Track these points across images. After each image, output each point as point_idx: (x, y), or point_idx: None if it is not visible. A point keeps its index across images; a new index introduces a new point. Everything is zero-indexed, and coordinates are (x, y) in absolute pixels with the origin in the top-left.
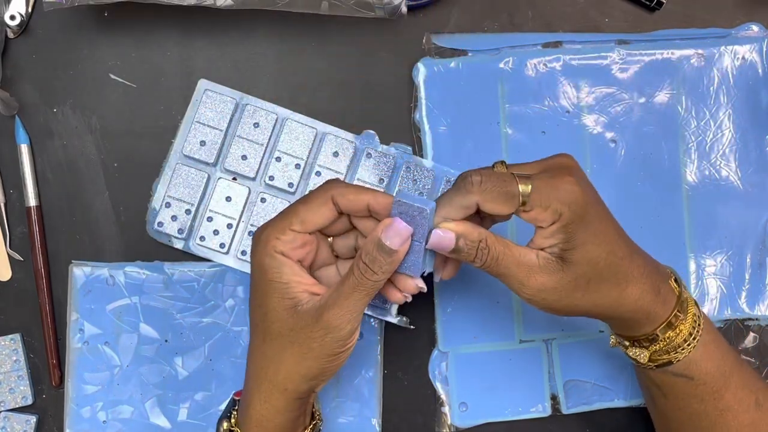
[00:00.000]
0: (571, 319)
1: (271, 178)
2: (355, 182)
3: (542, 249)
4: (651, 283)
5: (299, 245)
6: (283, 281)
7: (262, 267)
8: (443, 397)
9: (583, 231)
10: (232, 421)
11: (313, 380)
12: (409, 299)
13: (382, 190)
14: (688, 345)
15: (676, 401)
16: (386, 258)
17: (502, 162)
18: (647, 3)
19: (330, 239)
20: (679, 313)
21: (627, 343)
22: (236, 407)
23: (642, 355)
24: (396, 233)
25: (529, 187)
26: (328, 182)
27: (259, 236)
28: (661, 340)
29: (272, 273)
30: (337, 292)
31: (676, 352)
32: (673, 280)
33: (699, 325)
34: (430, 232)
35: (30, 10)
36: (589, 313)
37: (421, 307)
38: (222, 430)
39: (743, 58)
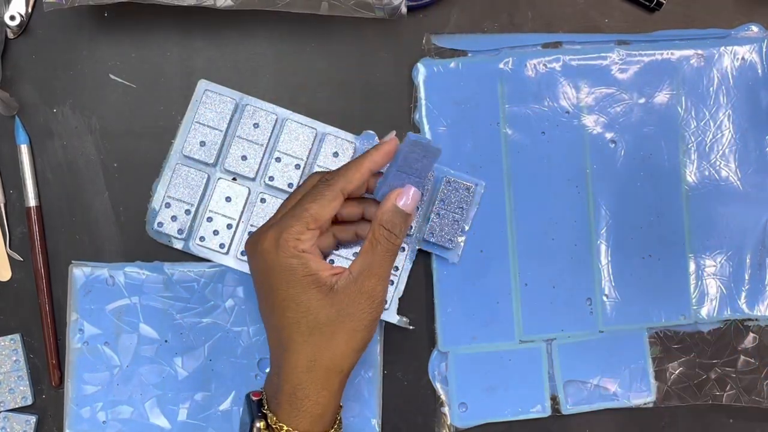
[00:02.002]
0: (571, 318)
1: (271, 178)
2: None
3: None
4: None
5: (315, 239)
6: (314, 272)
7: (291, 268)
8: (443, 397)
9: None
10: (270, 420)
11: (360, 351)
12: None
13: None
14: None
15: None
16: (404, 221)
17: None
18: (647, 3)
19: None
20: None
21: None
22: (264, 407)
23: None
24: (410, 198)
25: None
26: (329, 176)
27: (277, 240)
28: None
29: (303, 269)
30: (368, 261)
31: None
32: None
33: None
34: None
35: (30, 10)
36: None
37: (421, 307)
38: (257, 430)
39: (743, 58)
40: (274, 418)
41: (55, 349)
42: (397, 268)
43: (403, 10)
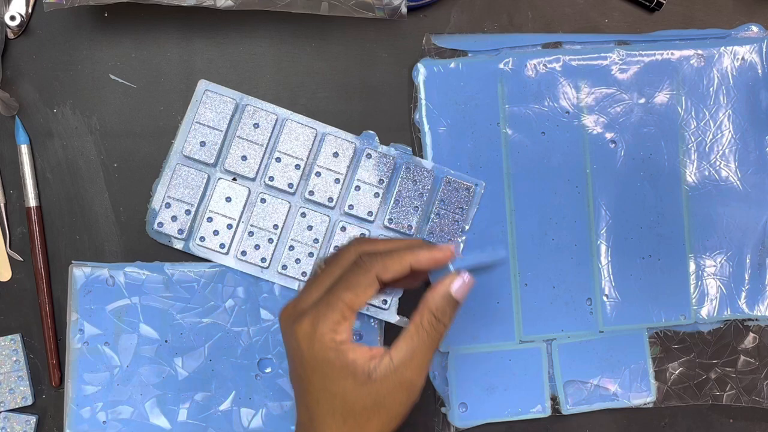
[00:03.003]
0: (571, 318)
1: (271, 178)
2: (355, 182)
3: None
4: None
5: (351, 328)
6: (350, 361)
7: (328, 360)
8: (443, 397)
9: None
10: None
11: None
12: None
13: (413, 237)
14: None
15: None
16: (453, 309)
17: None
18: (647, 4)
19: None
20: None
21: None
22: None
23: None
24: (465, 287)
25: None
26: (366, 260)
27: (313, 330)
28: None
29: (339, 362)
30: (410, 348)
31: None
32: None
33: None
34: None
35: (30, 10)
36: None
37: None
38: None
39: (743, 58)
40: None
41: (55, 349)
42: None
43: (403, 10)
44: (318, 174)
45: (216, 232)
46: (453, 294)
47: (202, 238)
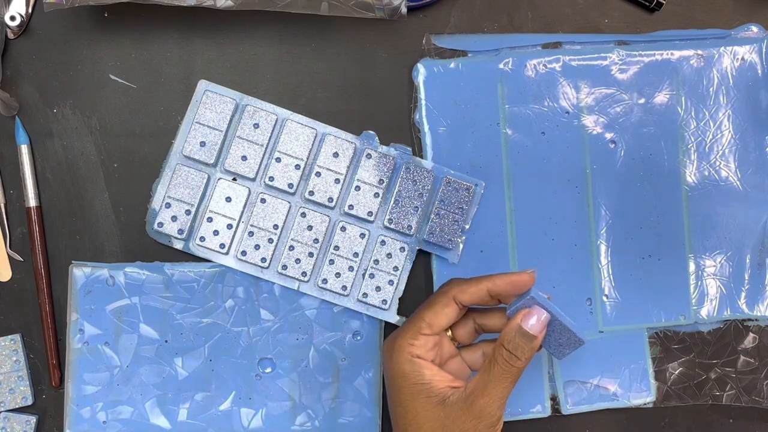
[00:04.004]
0: (571, 318)
1: (271, 178)
2: (355, 183)
3: None
4: None
5: (431, 347)
6: (426, 381)
7: (404, 373)
8: None
9: None
10: None
11: None
12: None
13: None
14: None
15: None
16: (528, 344)
17: None
18: (647, 4)
19: (448, 331)
20: None
21: None
22: None
23: None
24: (537, 320)
25: None
26: (447, 283)
27: (392, 346)
28: None
29: (415, 376)
30: (483, 381)
31: None
32: None
33: None
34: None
35: (30, 10)
36: None
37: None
38: None
39: (743, 59)
40: None
41: (55, 349)
42: (396, 268)
43: (403, 10)
44: (318, 174)
45: (216, 232)
46: (526, 328)
47: (202, 238)
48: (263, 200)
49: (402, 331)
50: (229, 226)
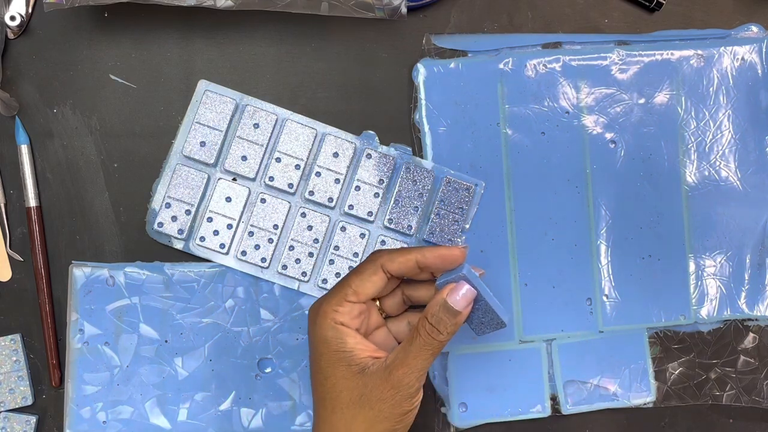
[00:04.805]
0: (571, 318)
1: (271, 178)
2: (355, 183)
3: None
4: None
5: (356, 315)
6: (348, 349)
7: (326, 339)
8: (443, 397)
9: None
10: None
11: None
12: None
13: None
14: None
15: None
16: (451, 319)
17: None
18: (647, 4)
19: (377, 302)
20: None
21: None
22: None
23: None
24: (462, 296)
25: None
26: (377, 252)
27: (317, 311)
28: None
29: (337, 343)
30: (404, 351)
31: None
32: None
33: None
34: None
35: (30, 10)
36: None
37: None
38: None
39: (743, 59)
40: None
41: (55, 349)
42: None
43: (403, 10)
44: (318, 174)
45: (216, 232)
46: (451, 303)
47: (202, 238)
48: (263, 200)
49: (327, 297)
50: (229, 226)
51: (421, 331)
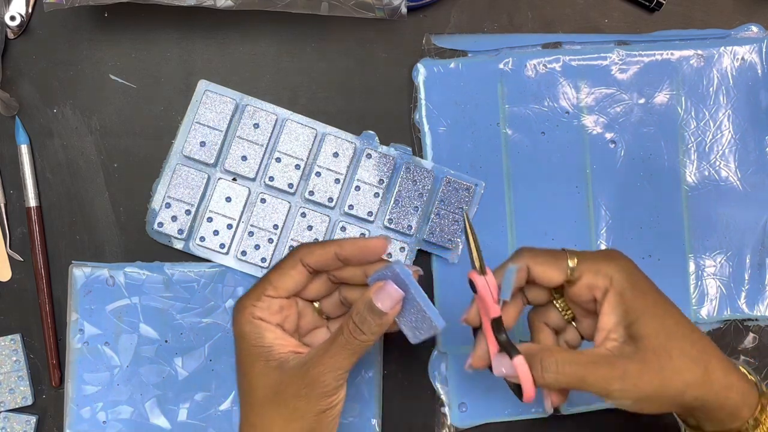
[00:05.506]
0: None
1: (271, 178)
2: (355, 183)
3: (605, 339)
4: (729, 362)
5: (276, 310)
6: (266, 345)
7: (243, 335)
8: (443, 397)
9: (641, 299)
10: None
11: None
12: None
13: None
14: None
15: None
16: (376, 320)
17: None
18: (647, 4)
19: (317, 304)
20: (762, 394)
21: None
22: None
23: None
24: (387, 296)
25: (575, 259)
26: (298, 246)
27: (237, 308)
28: (759, 426)
29: (254, 338)
30: (323, 349)
31: None
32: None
33: None
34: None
35: (30, 10)
36: (683, 398)
37: None
38: None
39: (743, 58)
40: None
41: (55, 349)
42: None
43: (403, 10)
44: (318, 174)
45: (216, 232)
46: (376, 303)
47: (202, 238)
48: (263, 200)
49: (248, 293)
50: (229, 226)
51: (344, 330)
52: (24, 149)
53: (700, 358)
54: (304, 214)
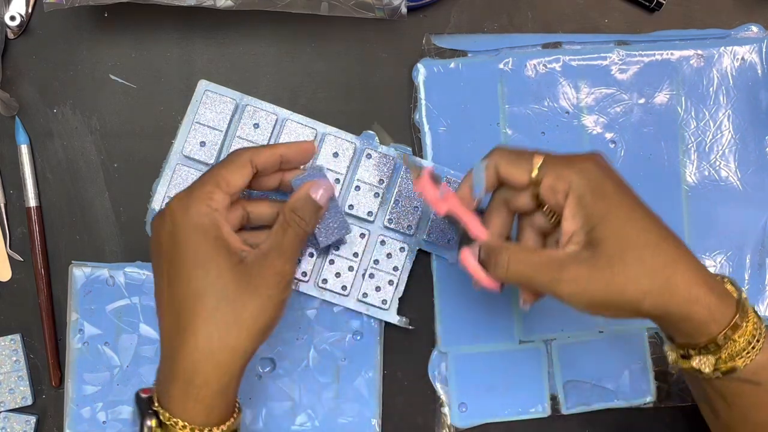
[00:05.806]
0: (571, 318)
1: None
2: (355, 182)
3: (567, 243)
4: (701, 272)
5: (227, 206)
6: (224, 234)
7: (202, 227)
8: (443, 397)
9: (603, 203)
10: (162, 416)
11: (267, 333)
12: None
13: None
14: (753, 348)
15: (742, 411)
16: (313, 213)
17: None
18: (647, 4)
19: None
20: (741, 312)
21: (692, 352)
22: (155, 404)
23: (707, 363)
24: (324, 189)
25: (542, 158)
26: (239, 149)
27: (187, 201)
28: (729, 344)
29: (214, 230)
30: (278, 241)
31: (741, 357)
32: (722, 278)
33: (762, 324)
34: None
35: (30, 10)
36: (641, 306)
37: (421, 307)
38: (149, 429)
39: (743, 58)
40: (167, 414)
41: (55, 349)
42: (396, 268)
43: (403, 10)
44: None
45: None
46: (312, 195)
47: None
48: None
49: (199, 184)
50: None
51: (291, 223)
52: (24, 149)
53: (663, 268)
54: None
